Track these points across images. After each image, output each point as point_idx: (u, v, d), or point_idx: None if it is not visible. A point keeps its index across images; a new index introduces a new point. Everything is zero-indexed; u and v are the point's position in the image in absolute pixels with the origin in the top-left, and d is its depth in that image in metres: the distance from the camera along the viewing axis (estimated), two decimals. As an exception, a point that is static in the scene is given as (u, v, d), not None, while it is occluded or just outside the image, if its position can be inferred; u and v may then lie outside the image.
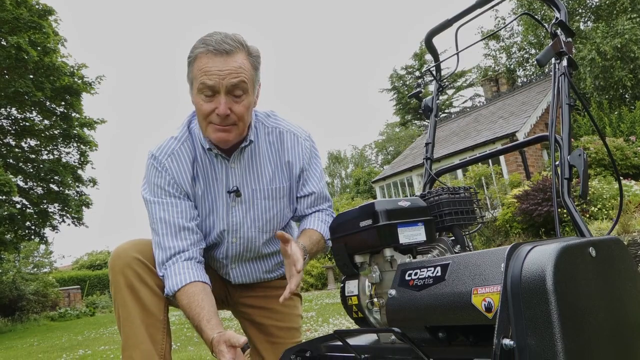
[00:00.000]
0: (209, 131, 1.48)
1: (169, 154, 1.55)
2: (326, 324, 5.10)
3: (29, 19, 12.91)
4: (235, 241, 1.63)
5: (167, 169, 1.54)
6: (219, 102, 1.42)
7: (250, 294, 1.78)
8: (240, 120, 1.48)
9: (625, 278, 0.98)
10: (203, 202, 1.59)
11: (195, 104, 1.48)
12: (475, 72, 25.81)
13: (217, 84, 1.41)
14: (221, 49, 1.41)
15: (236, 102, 1.45)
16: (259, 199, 1.61)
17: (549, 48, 1.34)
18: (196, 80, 1.44)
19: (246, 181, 1.60)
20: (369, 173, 27.77)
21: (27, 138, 15.62)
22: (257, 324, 1.78)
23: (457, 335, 1.04)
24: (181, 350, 4.68)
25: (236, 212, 1.60)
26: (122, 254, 1.49)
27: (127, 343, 1.44)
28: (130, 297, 1.45)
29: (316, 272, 14.19)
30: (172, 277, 1.46)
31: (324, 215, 1.69)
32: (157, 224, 1.52)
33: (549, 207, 8.31)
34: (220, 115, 1.43)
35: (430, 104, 1.84)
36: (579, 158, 1.19)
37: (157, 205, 1.53)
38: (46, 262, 21.25)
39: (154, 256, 1.52)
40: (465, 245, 1.35)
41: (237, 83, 1.42)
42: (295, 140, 1.65)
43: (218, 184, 1.58)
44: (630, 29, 13.87)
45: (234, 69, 1.42)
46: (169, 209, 1.52)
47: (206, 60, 1.41)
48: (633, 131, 12.69)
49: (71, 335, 9.23)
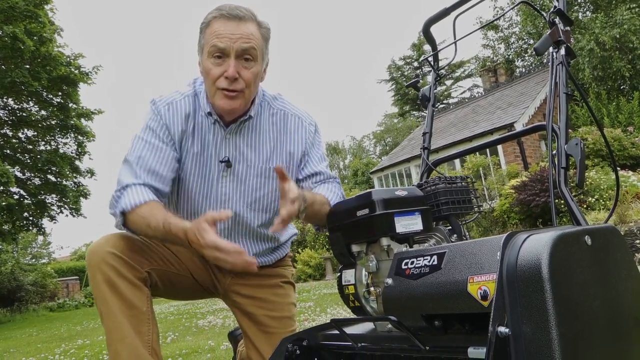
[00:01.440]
0: (216, 97, 1.50)
1: (167, 103, 1.57)
2: (324, 314, 5.13)
3: (25, 8, 12.79)
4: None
5: (162, 115, 1.55)
6: (229, 65, 1.45)
7: (240, 282, 1.75)
8: (248, 87, 1.49)
9: (621, 267, 0.98)
10: (194, 162, 1.58)
11: (205, 68, 1.50)
12: (474, 62, 25.74)
13: (228, 47, 1.44)
14: (234, 14, 1.46)
15: (245, 67, 1.48)
16: (251, 176, 1.61)
17: (547, 37, 1.33)
18: (207, 44, 1.47)
19: (241, 155, 1.60)
20: (367, 164, 27.76)
21: (24, 128, 15.56)
22: (248, 313, 1.74)
23: (453, 324, 1.05)
24: (179, 340, 4.70)
25: (226, 182, 1.60)
26: (97, 249, 1.47)
27: (111, 337, 1.42)
28: (109, 292, 1.42)
29: (314, 262, 14.24)
30: (132, 195, 1.45)
31: (331, 185, 1.65)
32: (133, 155, 1.52)
33: (546, 197, 8.33)
34: (229, 77, 1.45)
35: (428, 94, 1.84)
36: (575, 147, 1.19)
37: (142, 142, 1.53)
38: (44, 252, 21.31)
39: (118, 176, 1.51)
40: (462, 234, 1.35)
41: (248, 48, 1.46)
42: (300, 124, 1.66)
43: (210, 150, 1.58)
44: (629, 19, 13.82)
45: (245, 35, 1.46)
46: (151, 150, 1.52)
47: (219, 24, 1.46)
48: (631, 122, 12.69)
49: (70, 325, 9.26)
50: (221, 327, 5.26)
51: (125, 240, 1.51)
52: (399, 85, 29.33)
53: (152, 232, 1.43)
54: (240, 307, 1.76)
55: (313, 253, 14.42)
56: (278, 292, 1.78)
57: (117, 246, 1.47)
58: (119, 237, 1.52)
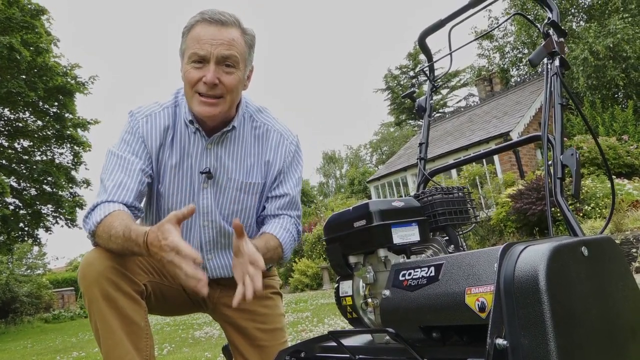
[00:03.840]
0: (194, 102, 1.46)
1: (145, 115, 1.53)
2: (321, 324, 5.10)
3: (22, 19, 12.83)
4: (207, 224, 1.58)
5: (139, 127, 1.51)
6: (208, 70, 1.41)
7: (230, 294, 1.66)
8: (229, 93, 1.45)
9: (618, 277, 0.99)
10: (172, 174, 1.54)
11: (184, 72, 1.46)
12: (469, 71, 25.85)
13: (208, 54, 1.41)
14: (216, 18, 1.42)
15: (226, 72, 1.44)
16: (231, 189, 1.58)
17: (541, 48, 1.34)
18: (188, 49, 1.43)
19: (222, 167, 1.56)
20: (363, 173, 27.79)
21: (20, 139, 15.54)
22: (239, 327, 1.70)
23: (451, 335, 1.04)
24: (176, 352, 4.67)
25: (207, 194, 1.56)
26: (93, 262, 1.40)
27: (110, 356, 1.38)
28: (108, 308, 1.37)
29: (311, 272, 14.19)
30: (99, 210, 1.40)
31: (288, 224, 1.63)
32: (105, 173, 1.48)
33: (542, 206, 8.35)
34: (207, 83, 1.41)
35: (424, 104, 1.84)
36: (571, 157, 1.20)
37: (114, 158, 1.49)
38: (40, 263, 21.14)
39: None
40: (459, 245, 1.35)
41: (229, 55, 1.42)
42: (281, 141, 1.63)
43: (192, 161, 1.54)
44: (622, 28, 13.96)
45: (226, 41, 1.42)
46: (123, 165, 1.48)
47: (200, 28, 1.42)
48: (625, 130, 12.77)
49: (65, 337, 9.18)
50: (218, 338, 5.22)
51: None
52: (395, 95, 29.47)
53: (114, 244, 1.35)
54: (230, 321, 1.71)
55: (310, 262, 14.38)
56: (268, 303, 1.74)
57: (115, 258, 1.41)
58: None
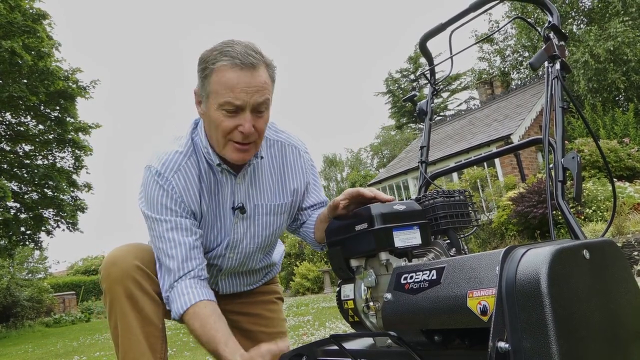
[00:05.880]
0: (227, 150, 1.40)
1: (175, 170, 1.44)
2: (322, 328, 5.09)
3: (23, 23, 12.85)
4: (232, 256, 1.59)
5: (173, 186, 1.43)
6: (244, 119, 1.35)
7: (236, 300, 1.74)
8: (260, 136, 1.42)
9: (619, 280, 0.99)
10: (207, 218, 1.52)
11: (214, 120, 1.37)
12: (470, 75, 25.88)
13: (244, 103, 1.33)
14: (247, 62, 1.32)
15: (258, 117, 1.38)
16: (261, 215, 1.57)
17: (542, 52, 1.34)
18: (218, 95, 1.33)
19: (249, 197, 1.55)
20: (364, 176, 27.79)
21: (22, 143, 15.55)
22: (244, 331, 1.72)
23: (453, 339, 1.04)
24: (177, 356, 4.66)
25: (238, 228, 1.55)
26: (119, 261, 1.41)
27: (128, 356, 1.39)
28: (130, 308, 1.39)
29: (313, 275, 14.17)
30: (179, 297, 1.39)
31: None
32: (165, 243, 1.42)
33: (544, 209, 8.35)
34: (245, 133, 1.36)
35: (425, 108, 1.85)
36: (572, 161, 1.20)
37: (164, 224, 1.42)
38: (41, 267, 21.12)
39: (159, 279, 1.44)
40: (460, 248, 1.35)
41: (263, 101, 1.36)
42: (298, 155, 1.63)
43: (223, 200, 1.52)
44: (622, 31, 13.97)
45: (260, 86, 1.34)
46: (178, 228, 1.43)
47: (231, 74, 1.32)
48: (626, 133, 12.76)
49: (66, 341, 9.17)
50: (219, 342, 5.21)
51: (147, 252, 1.48)
52: (396, 98, 29.48)
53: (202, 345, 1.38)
54: (235, 325, 1.73)
55: (311, 266, 14.37)
56: (272, 308, 1.79)
57: (141, 258, 1.43)
58: (140, 249, 1.49)
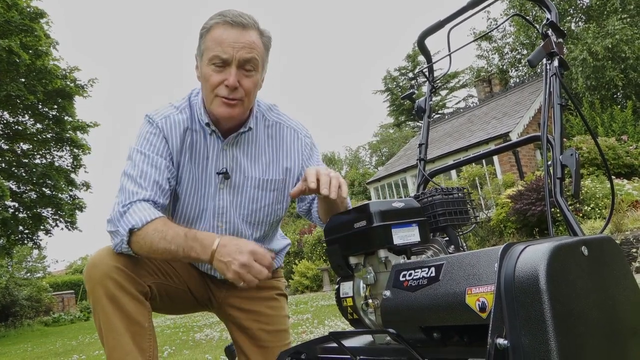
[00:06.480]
0: (214, 104, 1.48)
1: (164, 117, 1.54)
2: (322, 326, 5.10)
3: (20, 22, 12.82)
4: (221, 226, 1.59)
5: (159, 126, 1.52)
6: (229, 73, 1.44)
7: (235, 294, 1.72)
8: (247, 95, 1.48)
9: (618, 276, 0.99)
10: (190, 176, 1.56)
11: (204, 75, 1.48)
12: (468, 72, 25.91)
13: (230, 56, 1.43)
14: (238, 21, 1.44)
15: (246, 76, 1.46)
16: (248, 187, 1.59)
17: (540, 49, 1.35)
18: (208, 51, 1.45)
19: (238, 167, 1.58)
20: (363, 174, 27.77)
21: (20, 142, 15.53)
22: (243, 327, 1.72)
23: (452, 336, 1.04)
24: (176, 354, 4.66)
25: (223, 194, 1.58)
26: (98, 262, 1.43)
27: (113, 355, 1.39)
28: (112, 309, 1.39)
29: (311, 274, 14.18)
30: (142, 210, 1.40)
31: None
32: (136, 170, 1.47)
33: (542, 206, 8.36)
34: (229, 86, 1.44)
35: (424, 105, 1.85)
36: (571, 158, 1.20)
37: (142, 156, 1.49)
38: (39, 266, 21.13)
39: (116, 198, 1.45)
40: (459, 245, 1.35)
41: (250, 58, 1.45)
42: (296, 136, 1.65)
43: (208, 163, 1.56)
44: (620, 29, 13.98)
45: (247, 43, 1.44)
46: (152, 165, 1.48)
47: (221, 31, 1.43)
48: (625, 130, 12.78)
49: (65, 340, 9.17)
50: (218, 341, 5.22)
51: (127, 253, 1.48)
52: (394, 96, 29.48)
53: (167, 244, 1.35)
54: (235, 321, 1.74)
55: (310, 264, 14.37)
56: (273, 304, 1.76)
57: (120, 259, 1.43)
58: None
